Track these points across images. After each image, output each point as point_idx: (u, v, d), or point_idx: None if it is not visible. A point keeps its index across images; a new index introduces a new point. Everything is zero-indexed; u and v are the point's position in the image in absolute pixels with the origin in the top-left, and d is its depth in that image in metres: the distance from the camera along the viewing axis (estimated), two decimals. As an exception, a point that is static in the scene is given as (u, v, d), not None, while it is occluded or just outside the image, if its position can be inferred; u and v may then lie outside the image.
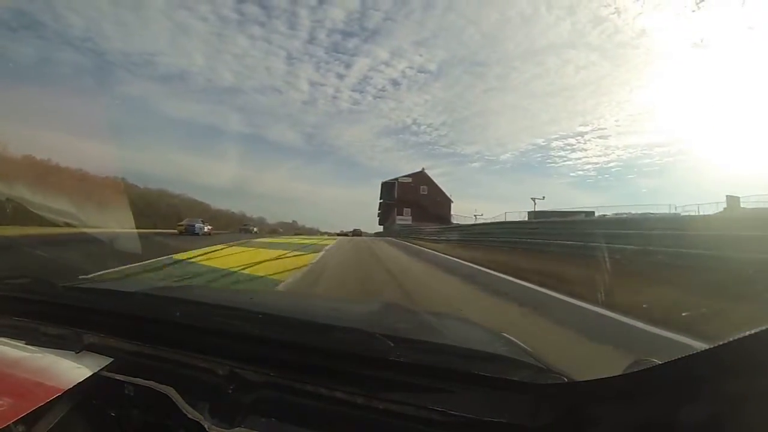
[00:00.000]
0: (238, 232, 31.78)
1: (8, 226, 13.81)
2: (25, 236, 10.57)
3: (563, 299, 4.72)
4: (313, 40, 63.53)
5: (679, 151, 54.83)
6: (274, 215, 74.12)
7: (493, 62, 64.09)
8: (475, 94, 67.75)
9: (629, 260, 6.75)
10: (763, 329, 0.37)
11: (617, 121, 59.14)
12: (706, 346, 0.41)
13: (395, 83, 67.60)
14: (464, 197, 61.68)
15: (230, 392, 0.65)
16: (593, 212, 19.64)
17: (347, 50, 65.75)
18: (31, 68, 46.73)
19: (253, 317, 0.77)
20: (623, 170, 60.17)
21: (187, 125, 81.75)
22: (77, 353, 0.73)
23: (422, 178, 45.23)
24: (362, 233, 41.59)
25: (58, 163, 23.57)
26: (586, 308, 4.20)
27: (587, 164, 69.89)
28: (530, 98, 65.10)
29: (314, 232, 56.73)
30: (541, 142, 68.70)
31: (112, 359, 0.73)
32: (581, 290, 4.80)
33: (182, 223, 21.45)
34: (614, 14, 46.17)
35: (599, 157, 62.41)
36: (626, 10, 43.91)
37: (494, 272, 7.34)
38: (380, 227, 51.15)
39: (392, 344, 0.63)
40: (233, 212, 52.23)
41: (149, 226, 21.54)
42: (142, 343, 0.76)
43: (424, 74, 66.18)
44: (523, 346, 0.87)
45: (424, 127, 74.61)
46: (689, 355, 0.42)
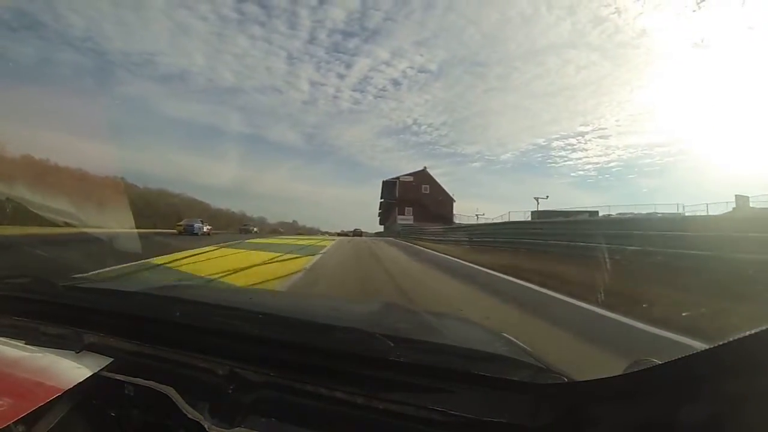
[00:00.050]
0: (238, 232, 31.67)
1: (8, 225, 13.82)
2: (25, 236, 10.58)
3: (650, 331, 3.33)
4: (313, 39, 63.62)
5: (679, 151, 55.09)
6: (274, 215, 74.28)
7: (493, 62, 64.26)
8: (475, 94, 67.86)
9: (659, 263, 6.16)
10: (763, 329, 0.37)
11: (618, 121, 59.25)
12: (706, 346, 0.41)
13: (396, 83, 67.73)
14: (465, 197, 61.57)
15: (230, 392, 0.65)
16: (597, 212, 19.60)
17: (348, 50, 65.87)
18: (31, 68, 46.77)
19: (253, 317, 0.77)
20: (624, 170, 60.29)
21: (187, 125, 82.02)
22: (77, 353, 0.73)
23: (424, 176, 43.98)
24: (362, 233, 41.58)
25: (58, 163, 23.57)
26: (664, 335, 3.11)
27: (588, 164, 69.99)
28: (531, 98, 65.23)
29: (315, 231, 56.80)
30: (541, 142, 68.80)
31: (112, 359, 0.73)
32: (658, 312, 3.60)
33: (181, 223, 21.48)
34: (615, 14, 46.34)
35: (600, 157, 62.60)
36: (627, 10, 44.07)
37: (535, 287, 5.58)
38: (381, 227, 50.88)
39: (392, 344, 0.63)
40: (233, 212, 52.29)
41: (149, 226, 21.55)
42: (142, 343, 0.76)
43: (424, 74, 66.27)
44: (522, 346, 0.87)
45: (424, 127, 74.42)
46: (689, 355, 0.42)
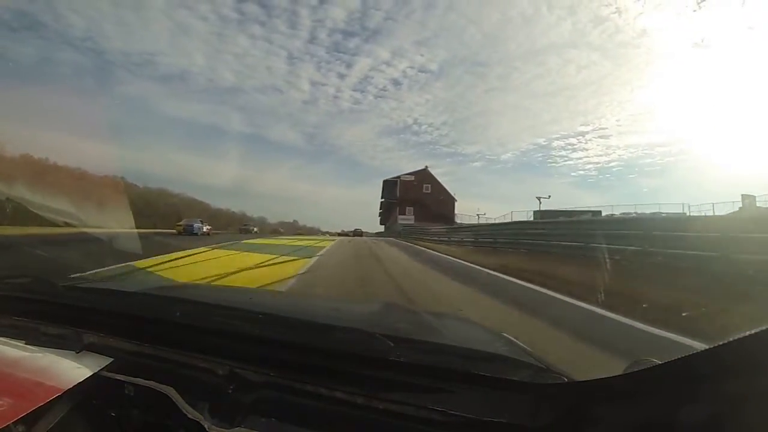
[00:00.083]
0: (238, 232, 31.63)
1: (8, 225, 13.82)
2: (25, 236, 10.57)
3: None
4: (314, 39, 63.78)
5: (680, 150, 55.12)
6: (275, 215, 74.12)
7: (494, 62, 64.36)
8: (476, 94, 67.97)
9: (671, 265, 5.61)
10: (763, 329, 0.37)
11: (618, 120, 59.35)
12: (706, 346, 0.41)
13: (396, 83, 67.79)
14: (466, 197, 61.27)
15: (230, 392, 0.65)
16: (600, 211, 19.62)
17: (348, 50, 66.01)
18: (31, 68, 46.83)
19: (253, 317, 0.77)
20: (624, 170, 60.26)
21: (187, 125, 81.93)
22: (77, 353, 0.73)
23: (425, 176, 43.09)
24: (363, 233, 41.55)
25: (58, 162, 23.63)
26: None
27: (588, 164, 70.07)
28: (531, 98, 65.30)
29: (315, 231, 56.80)
30: (542, 141, 68.89)
31: (112, 359, 0.73)
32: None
33: (181, 223, 21.48)
34: (615, 14, 46.39)
35: (600, 156, 62.82)
36: (627, 9, 44.12)
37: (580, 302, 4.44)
38: (381, 227, 50.61)
39: (392, 344, 0.63)
40: (233, 212, 52.09)
41: (149, 225, 21.53)
42: (142, 343, 0.76)
43: (425, 74, 66.40)
44: (523, 346, 0.87)
45: (425, 126, 74.37)
46: (689, 355, 0.42)
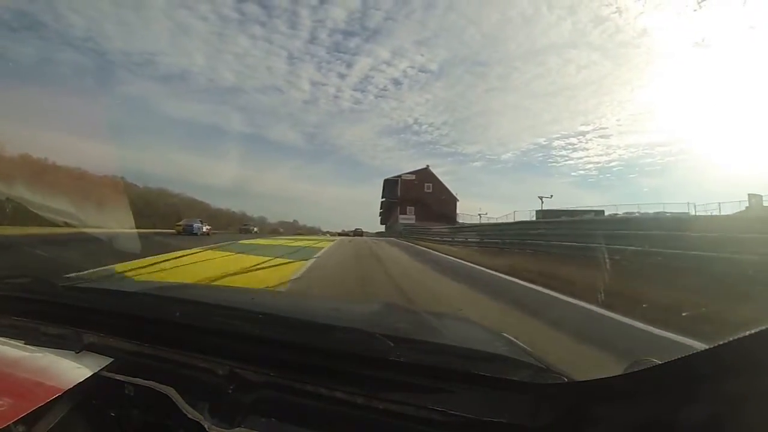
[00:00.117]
0: (237, 232, 31.63)
1: (8, 225, 13.82)
2: (24, 236, 10.57)
3: None
4: (314, 39, 63.70)
5: (680, 150, 55.00)
6: (275, 215, 74.00)
7: (494, 62, 64.22)
8: (476, 93, 67.88)
9: (686, 266, 5.15)
10: (763, 329, 0.37)
11: (619, 120, 59.31)
12: (706, 346, 0.41)
13: (396, 83, 67.52)
14: (466, 196, 61.07)
15: (230, 392, 0.65)
16: (603, 211, 19.54)
17: (348, 50, 65.74)
18: (32, 68, 46.78)
19: (253, 317, 0.77)
20: (625, 170, 60.03)
21: (188, 125, 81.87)
22: (77, 353, 0.73)
23: (426, 175, 42.04)
24: (363, 233, 41.53)
25: (58, 162, 23.56)
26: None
27: (589, 164, 69.82)
28: (532, 98, 65.18)
29: (316, 231, 56.84)
30: (542, 141, 68.54)
31: (112, 359, 0.73)
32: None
33: (180, 223, 21.47)
34: (615, 14, 46.33)
35: (600, 156, 62.81)
36: (627, 9, 44.08)
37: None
38: (382, 227, 50.41)
39: (392, 344, 0.63)
40: (234, 212, 51.90)
41: (148, 225, 21.50)
42: (142, 343, 0.76)
43: (425, 74, 66.21)
44: (523, 346, 0.87)
45: (425, 126, 74.09)
46: (689, 355, 0.42)
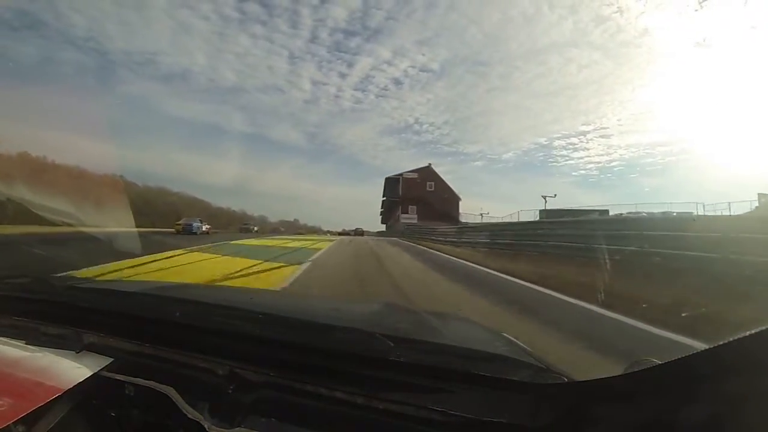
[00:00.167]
0: (237, 231, 31.63)
1: (8, 225, 13.82)
2: (24, 235, 10.58)
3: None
4: (315, 39, 63.83)
5: (681, 150, 54.85)
6: (275, 214, 73.83)
7: (495, 62, 64.21)
8: (477, 93, 67.95)
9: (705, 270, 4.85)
10: (763, 329, 0.37)
11: (619, 120, 59.12)
12: (706, 346, 0.41)
13: (397, 82, 67.58)
14: (467, 196, 60.58)
15: (230, 392, 0.65)
16: (607, 210, 19.50)
17: (349, 49, 65.81)
18: (33, 67, 46.83)
19: (253, 317, 0.77)
20: (625, 169, 59.84)
21: (188, 124, 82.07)
22: (77, 353, 0.73)
23: (429, 173, 41.28)
24: (364, 232, 41.49)
25: (59, 162, 23.59)
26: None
27: (589, 163, 69.51)
28: (533, 97, 65.28)
29: (316, 230, 56.76)
30: (543, 141, 68.32)
31: (112, 359, 0.73)
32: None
33: (180, 222, 21.46)
34: (617, 13, 46.16)
35: (601, 156, 62.52)
36: (629, 9, 43.86)
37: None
38: (383, 226, 50.15)
39: (392, 344, 0.63)
40: (234, 211, 51.82)
41: (148, 224, 21.52)
42: (142, 343, 0.76)
43: (426, 73, 66.26)
44: (523, 345, 0.87)
45: (426, 126, 73.84)
46: (689, 355, 0.42)
